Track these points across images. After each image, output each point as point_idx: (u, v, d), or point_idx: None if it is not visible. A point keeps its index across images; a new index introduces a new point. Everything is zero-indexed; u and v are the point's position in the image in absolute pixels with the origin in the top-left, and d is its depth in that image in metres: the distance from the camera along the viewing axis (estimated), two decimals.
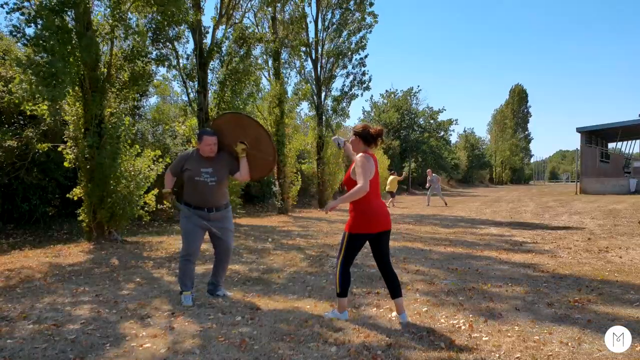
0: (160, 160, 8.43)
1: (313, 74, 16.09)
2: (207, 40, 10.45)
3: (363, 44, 16.24)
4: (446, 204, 17.91)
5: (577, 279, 5.07)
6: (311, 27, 15.70)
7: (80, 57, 6.90)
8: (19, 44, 8.21)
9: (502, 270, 5.56)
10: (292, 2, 14.68)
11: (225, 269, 4.43)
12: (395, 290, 3.62)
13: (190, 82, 10.19)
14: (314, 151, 16.68)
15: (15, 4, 6.50)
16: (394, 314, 3.74)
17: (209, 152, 4.13)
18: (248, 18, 13.23)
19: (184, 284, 4.17)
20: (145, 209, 8.30)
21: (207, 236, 4.29)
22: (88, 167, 7.34)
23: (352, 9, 15.78)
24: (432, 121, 37.99)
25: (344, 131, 25.06)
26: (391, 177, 17.88)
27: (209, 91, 10.53)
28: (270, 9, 13.41)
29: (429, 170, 19.61)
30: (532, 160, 76.39)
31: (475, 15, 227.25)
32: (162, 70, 15.45)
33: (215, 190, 4.14)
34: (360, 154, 3.52)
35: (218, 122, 4.43)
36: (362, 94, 18.89)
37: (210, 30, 10.47)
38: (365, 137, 3.57)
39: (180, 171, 4.18)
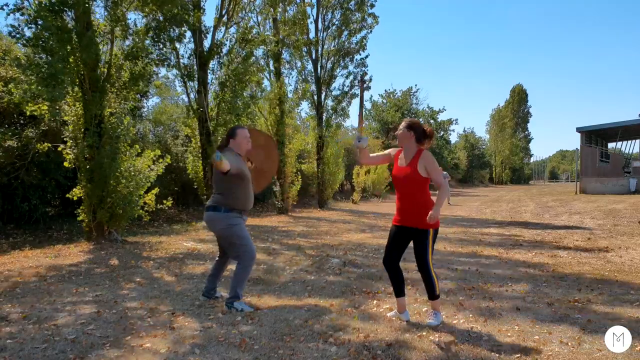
0: (161, 160, 8.42)
1: (313, 74, 16.09)
2: (208, 40, 10.47)
3: (364, 44, 16.24)
4: (449, 203, 17.95)
5: (577, 278, 5.07)
6: (311, 27, 15.71)
7: (80, 57, 6.90)
8: (19, 44, 8.21)
9: (502, 270, 5.56)
10: (294, 4, 14.67)
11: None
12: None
13: (190, 82, 10.19)
14: (314, 151, 16.67)
15: (15, 4, 6.50)
16: (391, 313, 3.76)
17: (247, 145, 4.00)
18: (251, 19, 13.20)
19: (242, 291, 3.98)
20: (145, 209, 8.30)
21: (211, 238, 4.28)
22: (88, 167, 7.33)
23: (353, 9, 15.78)
24: (432, 121, 38.03)
25: (344, 131, 25.06)
26: None
27: (209, 91, 10.53)
28: (272, 9, 13.38)
29: (440, 167, 19.58)
30: (532, 160, 76.48)
31: (476, 15, 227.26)
32: (163, 70, 15.44)
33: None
34: (430, 154, 3.49)
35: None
36: None
37: (211, 30, 10.47)
38: (421, 133, 3.50)
39: (238, 175, 3.84)
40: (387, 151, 3.74)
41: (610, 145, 35.76)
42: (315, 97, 16.16)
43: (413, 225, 3.46)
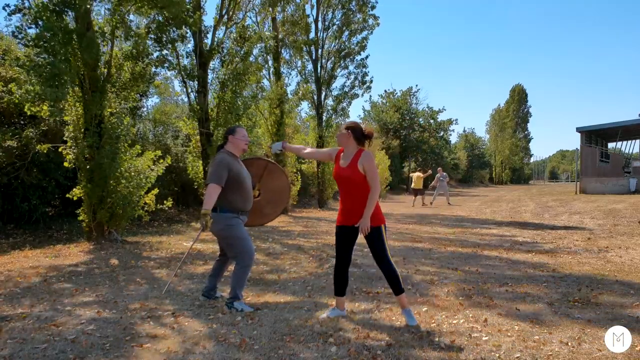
0: (161, 161, 8.42)
1: (313, 74, 16.10)
2: (208, 40, 10.46)
3: (364, 44, 16.25)
4: (449, 203, 17.96)
5: (577, 278, 5.07)
6: (311, 26, 15.71)
7: (81, 57, 6.90)
8: (20, 44, 8.21)
9: (502, 270, 5.56)
10: (293, 3, 14.67)
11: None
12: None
13: (190, 82, 10.19)
14: None
15: (16, 5, 6.50)
16: (328, 313, 3.75)
17: (245, 145, 4.02)
18: (250, 18, 13.21)
19: (242, 291, 4.00)
20: (145, 209, 8.30)
21: (211, 238, 4.28)
22: (88, 167, 7.33)
23: (354, 9, 15.78)
24: (431, 121, 37.98)
25: None
26: (416, 174, 17.81)
27: (209, 91, 10.53)
28: (271, 9, 13.37)
29: (439, 168, 19.63)
30: (532, 160, 76.51)
31: (476, 15, 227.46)
32: (163, 70, 15.43)
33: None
34: (370, 154, 3.52)
35: (258, 161, 4.54)
36: (362, 94, 18.89)
37: (211, 30, 10.46)
38: (359, 133, 3.56)
39: (232, 178, 3.85)
40: (327, 150, 3.92)
41: (610, 145, 35.74)
42: (315, 97, 16.16)
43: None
